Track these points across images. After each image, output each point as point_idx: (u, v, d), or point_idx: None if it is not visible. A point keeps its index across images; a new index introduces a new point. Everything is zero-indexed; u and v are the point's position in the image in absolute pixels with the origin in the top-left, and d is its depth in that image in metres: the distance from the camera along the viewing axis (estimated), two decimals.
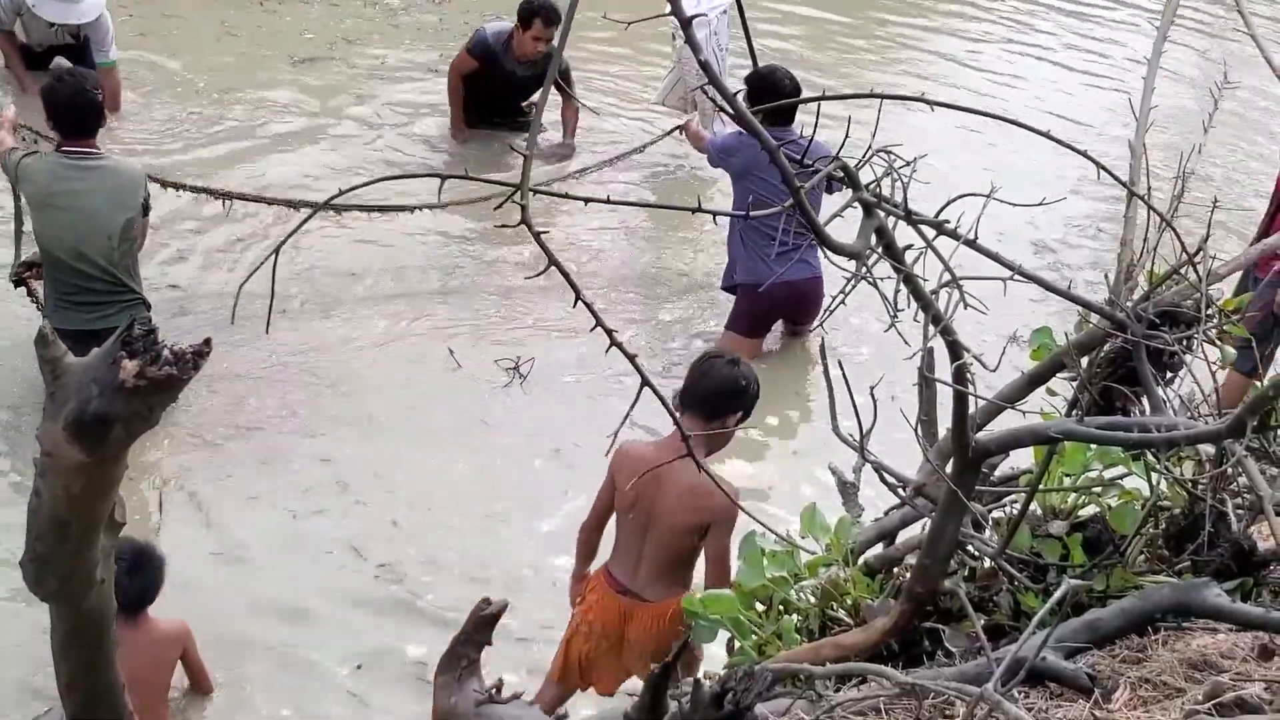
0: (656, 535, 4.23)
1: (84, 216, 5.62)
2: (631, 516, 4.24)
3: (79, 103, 5.60)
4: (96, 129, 5.69)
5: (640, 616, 4.28)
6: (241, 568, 5.36)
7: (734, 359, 4.25)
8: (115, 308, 5.66)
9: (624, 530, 4.31)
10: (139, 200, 5.72)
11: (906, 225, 2.42)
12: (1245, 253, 3.94)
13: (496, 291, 7.31)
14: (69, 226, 5.63)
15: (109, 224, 5.63)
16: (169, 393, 2.20)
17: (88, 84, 5.64)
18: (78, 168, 5.63)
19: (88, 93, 5.60)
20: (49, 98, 5.71)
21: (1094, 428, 2.45)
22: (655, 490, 4.14)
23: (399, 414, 6.31)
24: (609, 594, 4.32)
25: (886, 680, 2.38)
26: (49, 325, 2.26)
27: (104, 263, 5.64)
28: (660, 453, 4.09)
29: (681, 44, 8.06)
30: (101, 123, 5.73)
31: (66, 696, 2.76)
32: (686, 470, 3.74)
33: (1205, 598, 2.53)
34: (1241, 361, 5.85)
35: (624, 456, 4.21)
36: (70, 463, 2.23)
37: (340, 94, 9.30)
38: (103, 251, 5.63)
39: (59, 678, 2.75)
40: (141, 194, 5.74)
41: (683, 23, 2.34)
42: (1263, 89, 9.88)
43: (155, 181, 6.87)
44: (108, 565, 2.52)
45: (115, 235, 5.64)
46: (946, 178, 6.73)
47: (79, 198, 5.61)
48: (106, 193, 5.64)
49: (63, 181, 5.62)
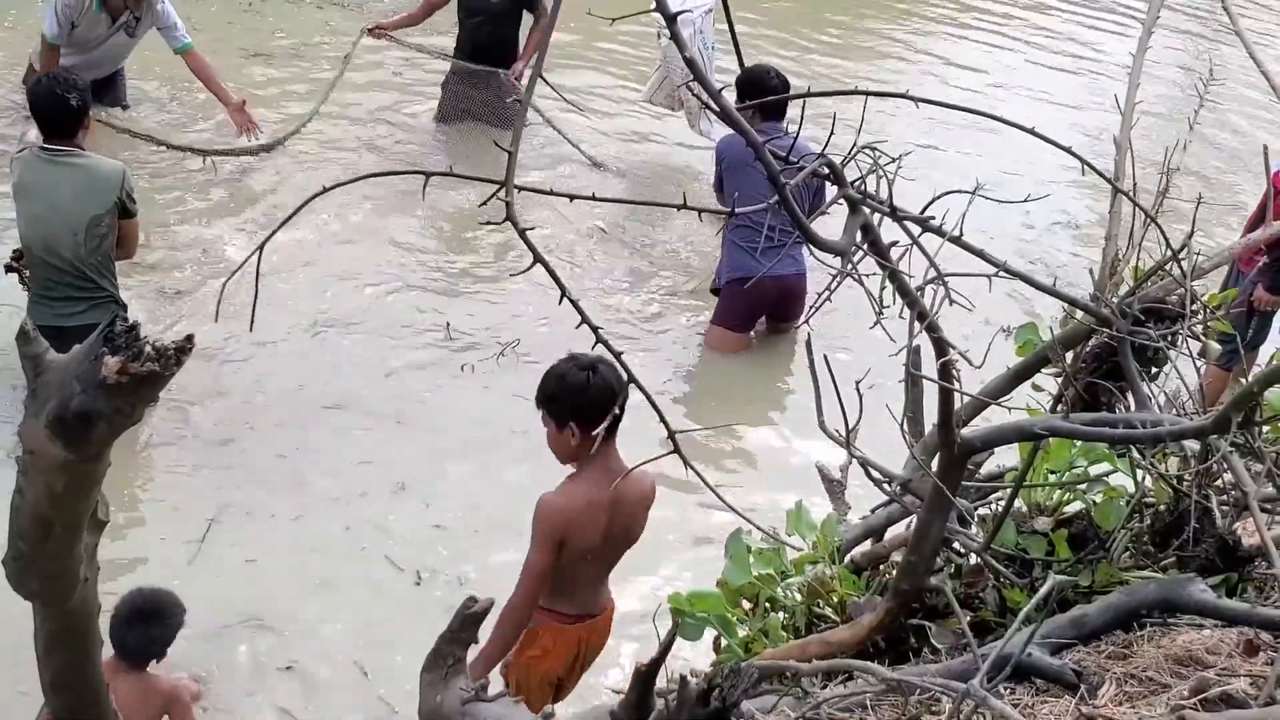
0: (624, 547, 4.08)
1: (52, 211, 5.62)
2: (592, 557, 3.99)
3: (53, 105, 5.61)
4: (73, 131, 5.65)
5: (597, 627, 4.17)
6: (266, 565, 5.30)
7: (591, 363, 3.87)
8: (84, 305, 5.65)
9: (580, 571, 4.02)
10: (111, 199, 5.64)
11: (892, 222, 2.42)
12: (1229, 247, 3.95)
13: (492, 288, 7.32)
14: (37, 219, 5.65)
15: (75, 220, 5.60)
16: (152, 389, 2.19)
17: (61, 88, 5.61)
18: (51, 162, 5.64)
19: (60, 96, 5.59)
20: (31, 97, 5.77)
21: (1079, 424, 2.45)
22: (621, 516, 3.97)
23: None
24: (564, 631, 4.09)
25: (873, 677, 2.38)
26: (30, 322, 2.24)
27: (71, 258, 5.63)
28: (625, 483, 3.86)
29: (667, 42, 8.07)
30: (80, 126, 5.67)
31: (51, 696, 2.75)
32: (632, 480, 3.82)
33: (1190, 593, 2.54)
34: (1220, 356, 5.91)
35: (570, 510, 3.89)
36: (53, 460, 2.22)
37: (272, 87, 9.28)
38: (69, 247, 5.61)
39: (43, 678, 2.74)
40: (115, 193, 5.65)
41: (667, 19, 2.34)
42: (1249, 84, 9.92)
43: (145, 138, 6.86)
44: (91, 564, 2.51)
45: (81, 231, 5.60)
46: (932, 175, 6.75)
47: (48, 191, 5.62)
48: (75, 188, 5.61)
49: (34, 173, 5.65)
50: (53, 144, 5.65)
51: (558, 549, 3.89)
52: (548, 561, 3.90)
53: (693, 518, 5.60)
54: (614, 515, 3.94)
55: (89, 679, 2.74)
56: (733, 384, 6.86)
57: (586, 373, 3.85)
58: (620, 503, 3.93)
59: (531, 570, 3.92)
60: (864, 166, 2.45)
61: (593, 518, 3.89)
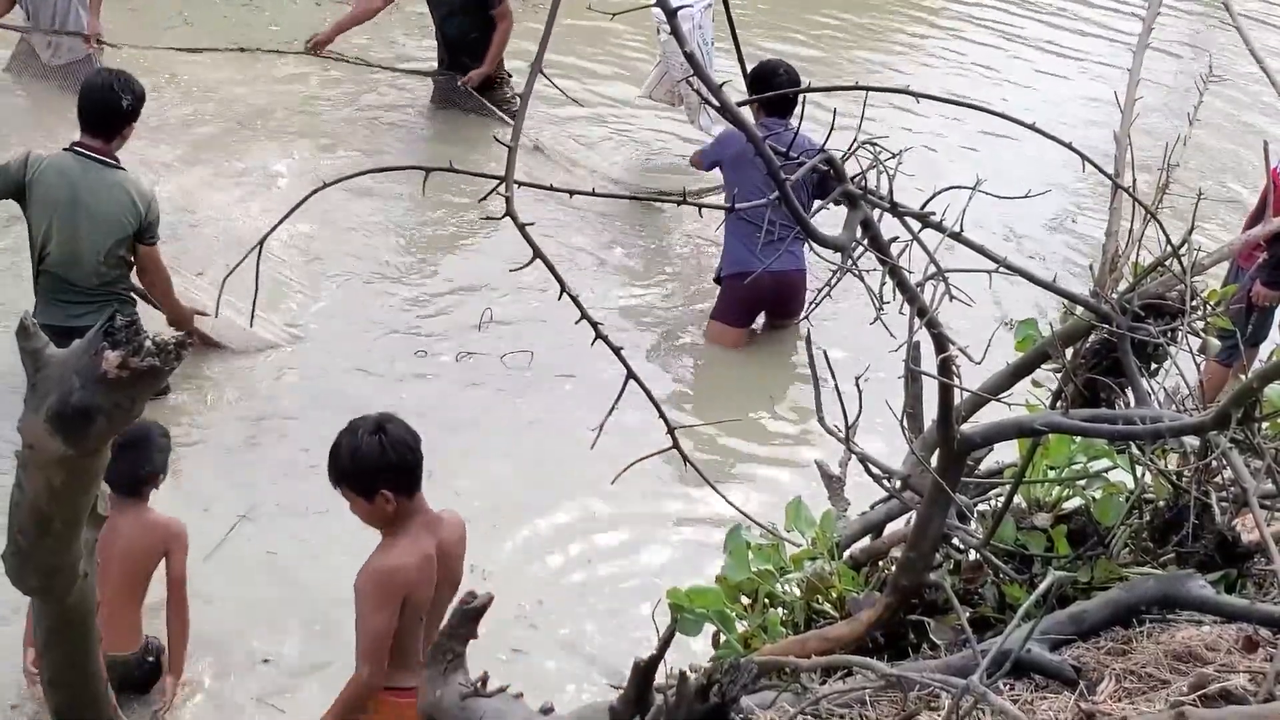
0: (451, 595, 3.79)
1: (74, 229, 5.47)
2: (426, 616, 3.80)
3: (105, 100, 5.48)
4: (113, 135, 5.52)
5: None
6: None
7: (376, 424, 3.71)
8: (96, 306, 5.52)
9: (415, 635, 3.80)
10: (135, 222, 5.48)
11: (892, 218, 2.42)
12: (1229, 244, 3.95)
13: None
14: (60, 233, 5.49)
15: (100, 241, 5.48)
16: (151, 384, 2.19)
17: (119, 86, 5.50)
18: (84, 171, 5.46)
19: (114, 93, 5.47)
20: (85, 86, 5.66)
21: (1079, 420, 2.45)
22: (446, 564, 3.84)
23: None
24: (406, 710, 3.64)
25: (872, 672, 2.38)
26: (29, 317, 2.24)
27: (90, 272, 5.53)
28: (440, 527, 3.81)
29: (666, 37, 8.07)
30: (121, 132, 5.54)
31: (50, 693, 2.75)
32: (445, 524, 3.77)
33: (1190, 589, 2.54)
34: (1220, 351, 5.91)
35: (407, 567, 3.71)
36: (52, 455, 2.22)
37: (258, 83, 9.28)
38: (90, 266, 5.51)
39: (41, 674, 2.74)
40: (138, 218, 5.48)
41: (668, 14, 2.33)
42: (1250, 78, 9.91)
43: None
44: (90, 559, 2.51)
45: (104, 253, 5.49)
46: (932, 170, 6.74)
47: (73, 208, 5.45)
48: (104, 205, 5.46)
49: (62, 178, 5.46)
50: (87, 145, 5.51)
51: (398, 612, 3.69)
52: (392, 625, 3.69)
53: (691, 513, 5.61)
54: (441, 566, 3.81)
55: (88, 677, 2.73)
56: (732, 380, 6.86)
57: (377, 436, 3.68)
58: (445, 553, 3.82)
59: (378, 639, 3.69)
60: (864, 162, 2.45)
61: (428, 572, 3.76)
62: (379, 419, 3.75)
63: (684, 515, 5.64)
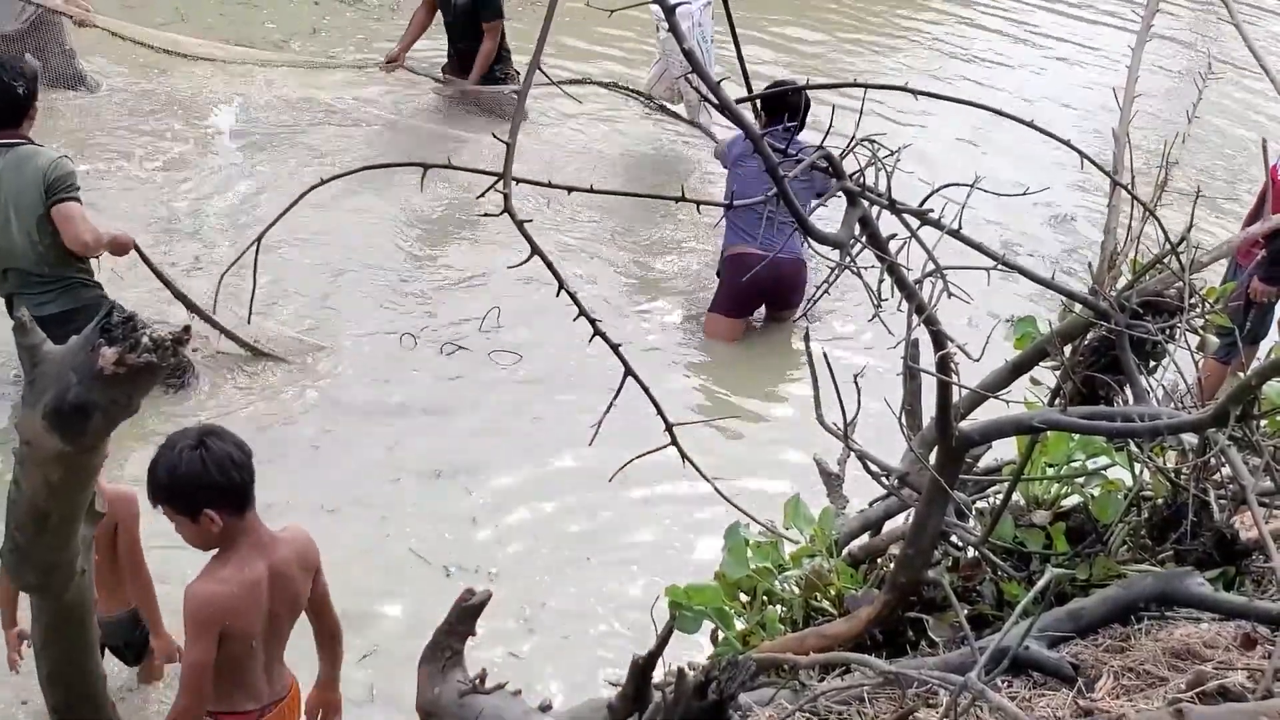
0: (292, 619, 3.67)
1: (5, 217, 5.46)
2: (259, 643, 3.57)
3: (2, 94, 5.44)
4: (19, 122, 5.48)
5: (284, 712, 3.73)
6: None
7: (197, 439, 3.44)
8: (55, 292, 5.51)
9: (251, 661, 3.59)
10: (44, 193, 5.38)
11: (890, 215, 2.42)
12: (1228, 241, 3.94)
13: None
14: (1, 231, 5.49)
15: (27, 222, 5.44)
16: (149, 380, 2.19)
17: (8, 75, 5.44)
18: (3, 164, 5.44)
19: (5, 84, 5.42)
20: None
21: (1077, 417, 2.44)
22: (282, 588, 3.58)
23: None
24: None
25: (870, 670, 2.38)
26: (26, 313, 2.24)
27: (35, 260, 5.49)
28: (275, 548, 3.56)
29: (666, 34, 8.07)
30: (26, 116, 5.49)
31: (48, 689, 2.75)
32: (283, 544, 3.56)
33: (1188, 587, 2.54)
34: (1218, 349, 5.91)
35: (224, 594, 3.45)
36: (49, 452, 2.22)
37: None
38: (29, 253, 5.48)
39: (40, 670, 2.74)
40: (43, 187, 5.38)
41: (666, 10, 2.33)
42: (1248, 76, 9.91)
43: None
44: (88, 556, 2.51)
45: (34, 231, 5.45)
46: (931, 167, 6.74)
47: (4, 199, 5.44)
48: (22, 185, 5.41)
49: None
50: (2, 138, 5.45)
51: (217, 641, 3.45)
52: (210, 655, 3.45)
53: (690, 510, 5.61)
54: (274, 589, 3.54)
55: (86, 674, 2.74)
56: (730, 377, 6.86)
57: (199, 451, 3.39)
58: (278, 575, 3.55)
59: (195, 669, 3.46)
60: (863, 159, 2.45)
61: (253, 599, 3.49)
62: (201, 431, 3.47)
63: (682, 513, 5.64)
